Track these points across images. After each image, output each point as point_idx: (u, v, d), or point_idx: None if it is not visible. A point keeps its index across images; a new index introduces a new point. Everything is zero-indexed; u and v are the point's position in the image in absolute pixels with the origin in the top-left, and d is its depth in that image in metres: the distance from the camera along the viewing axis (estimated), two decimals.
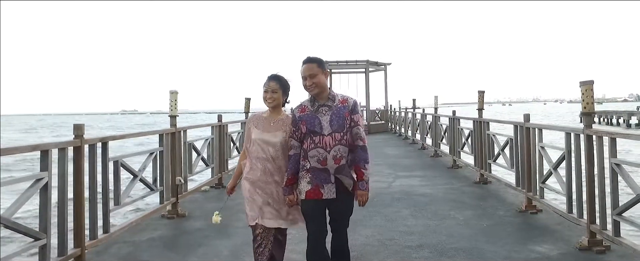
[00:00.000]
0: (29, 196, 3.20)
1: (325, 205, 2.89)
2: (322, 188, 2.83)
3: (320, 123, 2.84)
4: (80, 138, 3.64)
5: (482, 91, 7.02)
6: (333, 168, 2.82)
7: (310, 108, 2.90)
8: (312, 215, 2.87)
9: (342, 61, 19.75)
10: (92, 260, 3.91)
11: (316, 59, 2.92)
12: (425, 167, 9.40)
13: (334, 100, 2.90)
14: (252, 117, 3.11)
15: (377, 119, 21.28)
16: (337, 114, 2.85)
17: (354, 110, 2.90)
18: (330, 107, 2.87)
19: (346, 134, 2.85)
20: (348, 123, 2.87)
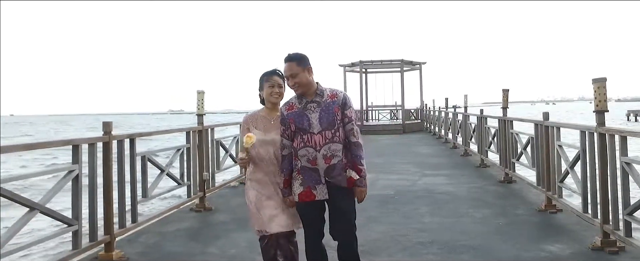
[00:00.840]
0: (62, 186, 3.50)
1: (321, 205, 2.77)
2: (314, 190, 2.70)
3: (309, 121, 2.70)
4: (109, 135, 3.92)
5: (507, 90, 6.95)
6: (323, 169, 2.67)
7: (298, 106, 2.76)
8: (307, 217, 2.77)
9: (376, 61, 19.72)
10: (122, 247, 4.19)
11: (295, 56, 2.75)
12: (453, 165, 9.29)
13: (322, 95, 2.75)
14: (249, 117, 2.94)
15: (412, 118, 21.10)
16: (326, 110, 2.70)
17: (345, 104, 2.73)
18: (318, 103, 2.72)
19: (338, 131, 2.69)
20: (339, 119, 2.70)
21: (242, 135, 2.84)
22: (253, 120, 2.91)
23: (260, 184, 2.84)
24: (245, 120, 2.95)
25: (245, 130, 2.88)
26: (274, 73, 2.89)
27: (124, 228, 4.21)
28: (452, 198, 6.04)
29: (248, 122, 2.92)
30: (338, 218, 2.76)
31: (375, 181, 7.59)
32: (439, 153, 11.51)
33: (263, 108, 2.97)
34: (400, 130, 19.43)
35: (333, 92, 2.78)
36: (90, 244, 3.75)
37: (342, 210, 2.76)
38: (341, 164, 2.69)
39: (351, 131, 2.73)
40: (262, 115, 2.92)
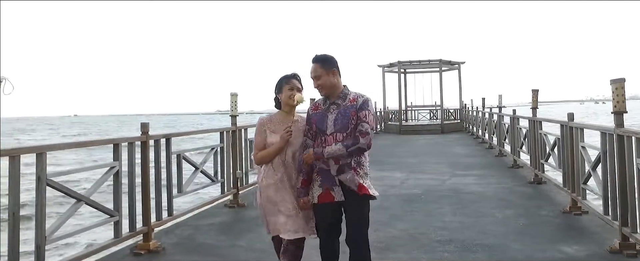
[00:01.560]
0: (104, 180, 3.84)
1: (338, 210, 2.75)
2: (332, 191, 2.68)
3: (327, 123, 2.69)
4: (146, 135, 4.24)
5: (536, 90, 6.81)
6: (334, 169, 2.66)
7: (322, 107, 2.77)
8: (324, 221, 2.74)
9: (415, 61, 19.56)
10: (160, 238, 4.50)
11: (320, 58, 2.73)
12: (486, 166, 9.15)
13: (345, 98, 2.71)
14: (266, 120, 2.86)
15: (451, 118, 20.76)
16: (343, 113, 2.67)
17: (361, 107, 2.66)
18: (338, 106, 2.70)
19: (351, 134, 2.63)
20: (353, 123, 2.64)
21: (259, 137, 2.80)
22: (270, 123, 2.83)
23: (273, 188, 2.77)
24: (261, 122, 2.85)
25: (263, 132, 2.81)
26: (293, 77, 2.84)
27: (160, 220, 4.52)
28: (478, 198, 6.01)
29: (265, 124, 2.83)
30: (350, 224, 2.73)
31: (405, 180, 7.64)
32: (473, 154, 11.34)
33: (279, 112, 2.89)
34: (439, 130, 19.19)
35: (355, 96, 2.73)
36: (129, 234, 4.07)
37: (353, 217, 2.71)
38: (350, 167, 2.66)
39: (360, 130, 2.60)
40: (279, 119, 2.84)
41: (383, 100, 21.93)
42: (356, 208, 2.71)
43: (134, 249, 4.15)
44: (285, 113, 2.86)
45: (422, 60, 19.62)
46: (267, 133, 2.81)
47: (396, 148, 13.43)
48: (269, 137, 2.79)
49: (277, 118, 2.86)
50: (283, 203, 2.76)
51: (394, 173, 8.39)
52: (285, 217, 2.74)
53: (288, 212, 2.74)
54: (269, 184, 2.77)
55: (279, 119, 2.85)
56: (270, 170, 2.79)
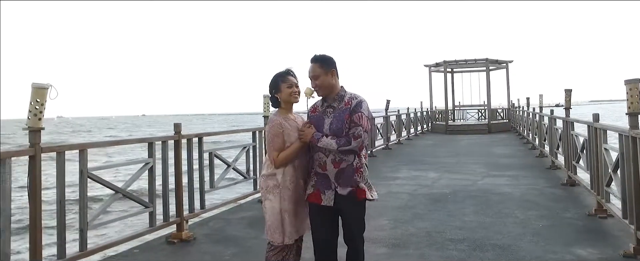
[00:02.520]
0: (139, 175, 4.21)
1: (331, 212, 2.68)
2: (322, 195, 2.65)
3: (324, 126, 2.65)
4: (179, 134, 4.58)
5: (570, 90, 6.54)
6: (333, 174, 2.61)
7: (319, 109, 2.73)
8: (315, 220, 2.71)
9: (461, 60, 19.11)
10: (193, 229, 4.84)
11: (319, 58, 2.67)
12: (523, 167, 8.86)
13: (340, 101, 2.66)
14: (281, 119, 2.73)
15: (499, 118, 20.07)
16: (338, 117, 2.62)
17: (354, 110, 2.60)
18: (334, 109, 2.66)
19: (341, 139, 2.57)
20: (347, 126, 2.59)
21: (278, 138, 2.68)
22: (285, 123, 2.73)
23: (285, 192, 2.69)
24: (279, 123, 2.71)
25: (281, 134, 2.69)
26: (288, 74, 2.78)
27: (193, 212, 4.86)
28: (504, 199, 5.89)
29: (282, 124, 2.71)
30: (345, 227, 2.71)
31: (437, 180, 7.59)
32: (514, 154, 10.98)
33: (279, 110, 2.81)
34: (486, 130, 18.63)
35: (350, 98, 2.67)
36: (163, 223, 4.42)
37: (348, 221, 2.68)
38: (351, 168, 2.61)
39: (353, 134, 2.56)
40: (285, 117, 2.76)
41: (430, 100, 21.60)
42: (351, 211, 2.67)
43: (169, 238, 4.49)
44: (285, 111, 2.80)
45: (468, 60, 19.13)
46: (285, 133, 2.70)
47: (437, 149, 13.25)
48: (289, 137, 2.70)
49: (283, 117, 2.78)
50: (294, 206, 2.71)
51: (428, 173, 8.35)
52: (295, 219, 2.71)
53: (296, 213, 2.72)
54: (281, 186, 2.68)
55: (285, 117, 2.77)
56: (290, 170, 2.71)
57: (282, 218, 2.68)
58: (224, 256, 4.01)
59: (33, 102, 3.02)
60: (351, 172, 2.62)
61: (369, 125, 2.63)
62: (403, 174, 8.38)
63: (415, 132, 17.82)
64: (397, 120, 14.97)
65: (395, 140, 14.64)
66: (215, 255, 4.05)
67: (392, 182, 7.53)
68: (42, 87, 3.06)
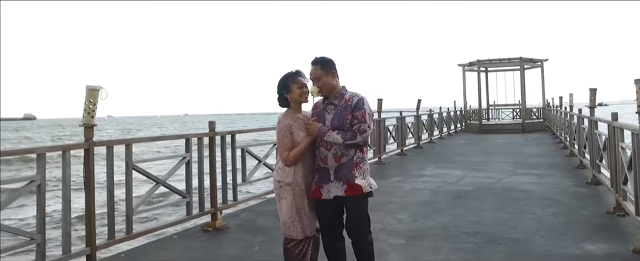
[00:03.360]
0: (177, 168, 4.59)
1: (336, 206, 2.78)
2: (322, 188, 2.75)
3: (325, 122, 2.76)
4: (213, 131, 4.94)
5: (594, 89, 6.46)
6: (333, 168, 2.71)
7: (321, 107, 2.85)
8: (321, 216, 2.83)
9: (495, 59, 18.79)
10: (227, 219, 5.18)
11: (320, 60, 2.78)
12: (551, 166, 8.76)
13: (341, 98, 2.77)
14: (289, 120, 2.80)
15: (533, 117, 19.57)
16: (339, 114, 2.73)
17: (356, 107, 2.70)
18: (335, 106, 2.77)
19: (347, 133, 2.68)
20: (348, 122, 2.70)
21: (286, 138, 2.76)
22: (294, 123, 2.81)
23: (296, 189, 2.77)
24: (287, 124, 2.80)
25: (289, 135, 2.77)
26: (298, 75, 2.84)
27: (226, 204, 5.21)
28: (526, 197, 5.93)
29: (290, 126, 2.79)
30: (347, 220, 2.81)
31: (461, 178, 7.66)
32: (544, 154, 10.81)
33: (288, 110, 2.87)
34: (520, 130, 18.25)
35: (351, 96, 2.77)
36: (199, 213, 4.79)
37: (351, 212, 2.77)
38: (351, 163, 2.72)
39: (358, 128, 2.67)
40: (294, 117, 2.84)
41: (463, 99, 21.34)
42: (354, 206, 2.75)
43: (204, 226, 4.86)
44: (293, 111, 2.86)
45: (502, 59, 18.79)
46: (296, 132, 2.77)
47: (467, 148, 13.18)
48: (297, 136, 2.77)
49: (291, 116, 2.85)
50: (305, 201, 2.79)
51: (454, 171, 8.41)
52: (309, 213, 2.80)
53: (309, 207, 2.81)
54: (293, 183, 2.76)
55: (294, 117, 2.84)
56: (301, 168, 2.78)
57: (299, 214, 2.76)
58: (253, 243, 4.31)
59: (87, 102, 3.43)
60: (351, 165, 2.72)
61: (370, 121, 2.74)
62: (429, 172, 8.48)
63: (448, 131, 17.70)
64: (428, 119, 14.94)
65: (427, 139, 14.63)
66: (245, 242, 4.36)
67: (418, 179, 7.67)
68: (94, 88, 3.46)
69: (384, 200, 6.05)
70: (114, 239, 3.85)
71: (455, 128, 19.26)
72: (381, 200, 6.04)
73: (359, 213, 2.77)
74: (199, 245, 4.31)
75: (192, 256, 4.00)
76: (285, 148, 2.78)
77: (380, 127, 10.14)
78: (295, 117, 2.85)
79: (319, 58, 2.80)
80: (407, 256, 3.82)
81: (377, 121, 9.98)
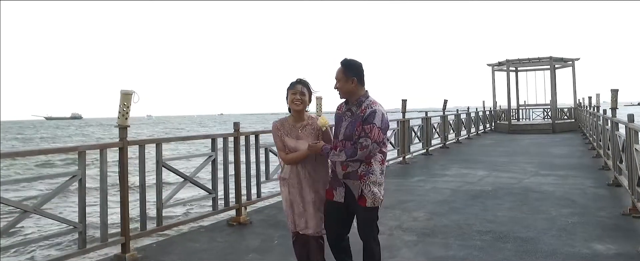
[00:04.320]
0: (203, 166, 4.87)
1: (343, 210, 2.84)
2: (334, 191, 2.82)
3: (340, 128, 2.80)
4: (237, 131, 5.20)
5: (616, 90, 6.32)
6: (341, 174, 2.77)
7: (342, 110, 2.86)
8: (328, 217, 2.89)
9: (524, 59, 18.39)
10: (251, 215, 5.42)
11: (346, 63, 2.79)
12: (575, 167, 8.60)
13: (359, 106, 2.76)
14: (278, 125, 2.94)
15: (564, 118, 19.01)
16: (352, 123, 2.74)
17: (366, 120, 2.68)
18: (352, 113, 2.77)
19: (355, 144, 2.69)
20: (357, 134, 2.69)
21: (278, 139, 2.93)
22: (284, 128, 2.92)
23: (292, 186, 2.90)
24: (275, 128, 2.95)
25: (279, 137, 2.92)
26: (297, 83, 2.91)
27: (250, 200, 5.47)
28: (544, 197, 5.91)
29: (279, 129, 2.93)
30: (359, 223, 2.86)
31: (483, 178, 7.66)
32: (571, 154, 10.58)
33: (289, 116, 2.97)
34: (550, 130, 17.79)
35: (367, 105, 2.74)
36: (224, 208, 5.06)
37: (359, 217, 2.84)
38: (356, 175, 2.74)
39: (361, 143, 2.67)
40: (290, 124, 2.93)
41: (493, 99, 20.97)
42: (361, 216, 2.82)
43: (229, 221, 5.12)
44: (293, 118, 2.94)
45: (531, 58, 18.36)
46: (285, 138, 2.92)
47: (494, 148, 13.01)
48: (288, 141, 2.91)
49: (289, 122, 2.95)
50: (299, 201, 2.90)
51: (477, 172, 8.40)
52: (300, 212, 2.90)
53: (303, 208, 2.91)
54: (288, 182, 2.92)
55: (291, 123, 2.94)
56: (294, 168, 2.91)
57: (291, 208, 2.91)
58: (274, 238, 4.53)
59: (121, 105, 3.75)
60: (355, 177, 2.75)
61: (380, 135, 2.69)
62: (452, 172, 8.49)
63: (476, 131, 17.48)
64: (455, 119, 14.83)
65: (454, 139, 14.53)
66: (266, 236, 4.60)
67: (440, 179, 7.72)
68: (128, 92, 3.77)
69: (403, 198, 6.18)
70: (146, 230, 4.16)
71: (484, 128, 18.98)
72: (400, 198, 6.17)
73: (367, 220, 2.81)
74: (223, 238, 4.57)
75: (217, 247, 4.26)
76: (279, 149, 2.97)
77: (405, 127, 10.20)
78: (289, 123, 2.94)
79: (346, 60, 2.80)
80: (417, 252, 3.95)
81: (401, 121, 10.05)
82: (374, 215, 2.83)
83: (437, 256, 3.80)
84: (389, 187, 7.03)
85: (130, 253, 3.88)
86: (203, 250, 4.20)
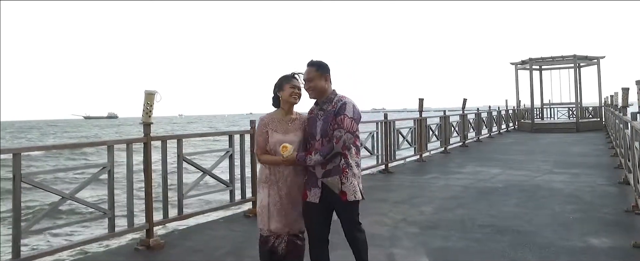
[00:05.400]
0: (221, 161, 5.16)
1: (322, 211, 2.76)
2: (309, 191, 2.74)
3: (315, 128, 2.75)
4: (253, 129, 5.46)
5: (627, 88, 6.28)
6: (320, 173, 2.69)
7: (314, 112, 2.82)
8: (307, 215, 2.80)
9: (547, 57, 18.03)
10: None
11: (315, 62, 2.77)
12: (591, 165, 8.50)
13: (330, 103, 2.75)
14: (267, 120, 2.82)
15: (589, 116, 18.52)
16: (326, 120, 2.71)
17: (338, 112, 2.67)
18: (324, 112, 2.75)
19: (332, 139, 2.66)
20: (332, 128, 2.66)
21: (260, 137, 2.80)
22: (272, 123, 2.82)
23: (271, 185, 2.78)
24: (263, 123, 2.83)
25: (264, 133, 2.80)
26: (293, 77, 2.85)
27: None
28: (551, 194, 5.95)
29: (266, 124, 2.81)
30: (341, 218, 2.80)
31: (496, 176, 7.70)
32: (589, 153, 10.41)
33: (278, 110, 2.86)
34: (573, 129, 17.38)
35: (337, 100, 2.74)
36: (240, 200, 5.35)
37: (341, 212, 2.77)
38: (338, 169, 2.68)
39: (335, 136, 2.64)
40: (279, 118, 2.83)
41: (516, 98, 20.65)
42: (343, 211, 2.74)
43: (246, 213, 5.36)
44: (284, 112, 2.84)
45: (555, 57, 17.97)
46: (270, 133, 2.79)
47: (513, 147, 12.90)
48: (271, 137, 2.78)
49: (277, 117, 2.84)
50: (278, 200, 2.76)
51: (491, 169, 8.43)
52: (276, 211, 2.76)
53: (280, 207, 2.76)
54: (267, 181, 2.78)
55: (279, 118, 2.83)
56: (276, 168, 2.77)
57: (268, 211, 2.76)
58: None
59: (145, 104, 4.08)
60: (337, 172, 2.68)
61: (353, 125, 2.69)
62: (467, 169, 8.54)
63: (498, 130, 17.29)
64: (476, 118, 14.73)
65: (474, 138, 14.45)
66: None
67: (453, 176, 7.80)
68: (151, 92, 4.10)
69: (414, 193, 6.33)
70: (168, 218, 4.49)
71: (507, 127, 18.72)
72: (411, 193, 6.32)
73: (349, 214, 2.76)
74: (240, 228, 4.85)
75: (233, 236, 4.54)
76: (258, 146, 2.83)
77: (421, 126, 10.27)
78: (278, 117, 2.84)
79: (315, 61, 2.81)
80: (417, 242, 4.12)
81: (418, 120, 10.13)
82: (356, 208, 2.78)
83: (436, 247, 3.96)
84: (403, 183, 7.20)
85: (154, 238, 4.21)
86: (221, 237, 4.48)
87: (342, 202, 2.71)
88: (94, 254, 4.59)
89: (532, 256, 3.61)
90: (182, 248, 4.14)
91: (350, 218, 2.77)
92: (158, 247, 4.11)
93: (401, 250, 3.90)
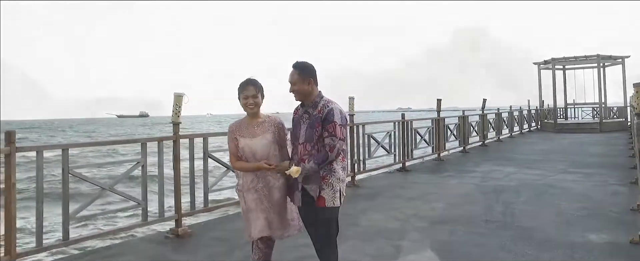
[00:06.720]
0: None
1: (305, 212, 2.74)
2: (293, 195, 2.75)
3: (300, 131, 2.71)
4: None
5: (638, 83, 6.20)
6: (301, 178, 2.63)
7: (299, 113, 2.79)
8: (302, 217, 2.80)
9: (570, 57, 17.68)
10: None
11: (299, 65, 2.72)
12: (606, 165, 8.42)
13: (315, 107, 2.69)
14: (234, 127, 2.82)
15: (613, 117, 18.05)
16: (311, 124, 2.66)
17: (326, 119, 2.62)
18: (310, 115, 2.70)
19: (317, 145, 2.62)
20: (318, 134, 2.62)
21: (230, 144, 2.81)
22: (238, 129, 2.81)
23: (246, 191, 2.77)
24: (231, 130, 2.83)
25: (234, 140, 2.78)
26: (248, 84, 2.78)
27: None
28: (561, 193, 6.01)
29: (234, 131, 2.81)
30: (315, 232, 2.72)
31: (509, 175, 7.76)
32: (607, 154, 10.27)
33: (246, 116, 2.84)
34: (597, 129, 17.00)
35: (323, 105, 2.69)
36: None
37: (317, 218, 2.69)
38: (318, 176, 2.62)
39: (328, 145, 2.61)
40: (246, 123, 2.82)
41: (539, 98, 20.30)
42: (320, 213, 2.66)
43: None
44: (249, 118, 2.83)
45: (578, 56, 17.61)
46: (238, 139, 2.78)
47: (532, 147, 12.79)
48: (240, 143, 2.77)
49: (244, 122, 2.84)
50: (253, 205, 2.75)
51: (506, 168, 8.47)
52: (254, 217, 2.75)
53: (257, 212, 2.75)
54: (243, 187, 2.78)
55: (245, 123, 2.83)
56: (249, 176, 2.77)
57: (247, 217, 2.79)
58: None
59: (174, 105, 4.44)
60: (317, 179, 2.63)
61: (343, 132, 2.65)
62: (482, 168, 8.61)
63: (520, 130, 17.09)
64: (496, 118, 14.64)
65: (494, 138, 14.37)
66: None
67: (467, 175, 7.90)
68: (180, 95, 4.46)
69: (428, 191, 6.50)
70: (195, 210, 4.84)
71: (529, 127, 18.46)
72: (425, 191, 6.50)
73: (324, 221, 2.67)
74: None
75: None
76: (231, 153, 2.83)
77: (439, 125, 10.35)
78: (245, 123, 2.83)
79: (300, 63, 2.75)
80: (424, 235, 4.32)
81: (436, 120, 10.23)
82: (334, 214, 2.70)
83: (441, 240, 4.15)
84: (418, 181, 7.37)
85: (182, 228, 4.56)
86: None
87: (318, 208, 2.63)
88: (130, 240, 5.00)
89: (529, 250, 3.76)
90: (208, 237, 4.46)
91: (325, 231, 2.68)
92: (186, 236, 4.46)
93: (408, 242, 4.11)
